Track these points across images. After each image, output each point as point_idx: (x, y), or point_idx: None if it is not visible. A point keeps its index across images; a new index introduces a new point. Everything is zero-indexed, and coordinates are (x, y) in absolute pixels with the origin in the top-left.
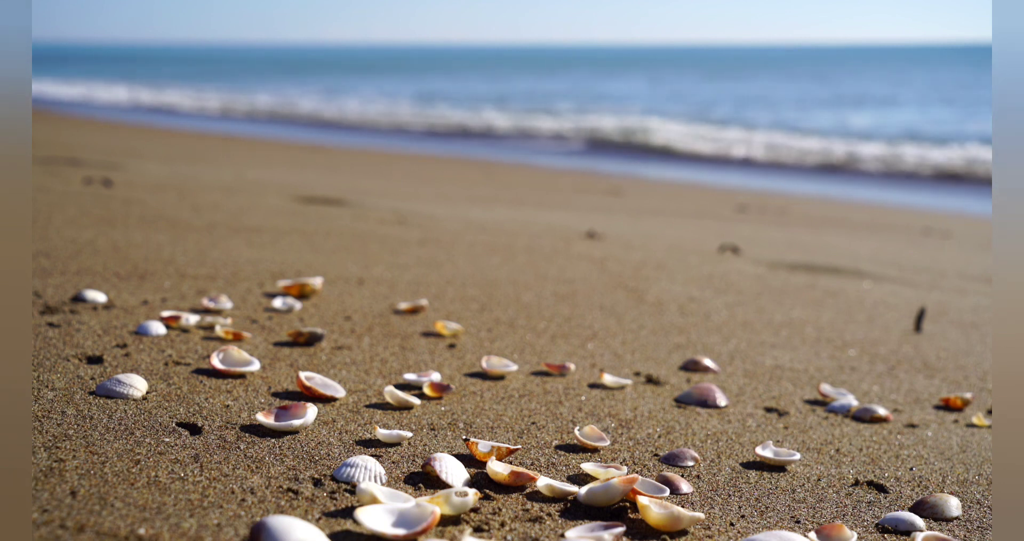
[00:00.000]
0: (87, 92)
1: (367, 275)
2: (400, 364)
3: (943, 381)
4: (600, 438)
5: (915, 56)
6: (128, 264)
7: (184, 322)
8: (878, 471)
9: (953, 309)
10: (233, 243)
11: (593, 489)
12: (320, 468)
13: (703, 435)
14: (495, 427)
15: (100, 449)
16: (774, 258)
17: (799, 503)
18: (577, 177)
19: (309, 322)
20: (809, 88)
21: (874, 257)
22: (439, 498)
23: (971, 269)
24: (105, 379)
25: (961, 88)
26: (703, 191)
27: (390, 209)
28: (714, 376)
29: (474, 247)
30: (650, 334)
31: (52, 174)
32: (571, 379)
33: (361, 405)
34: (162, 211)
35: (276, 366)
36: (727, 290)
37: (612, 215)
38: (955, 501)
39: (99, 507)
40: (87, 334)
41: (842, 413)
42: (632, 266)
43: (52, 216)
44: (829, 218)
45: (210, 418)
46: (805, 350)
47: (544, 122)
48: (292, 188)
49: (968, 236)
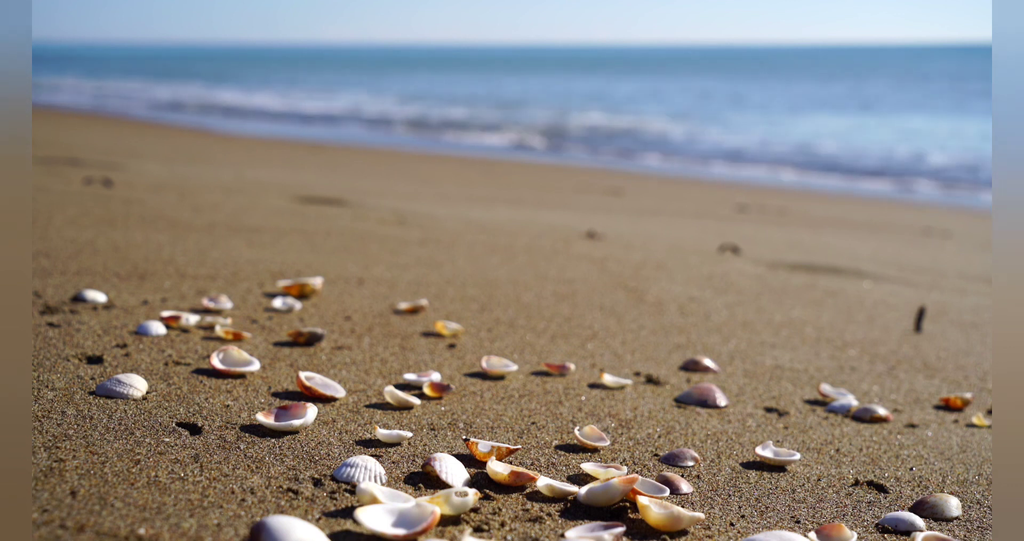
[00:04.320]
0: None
1: (367, 275)
2: (400, 364)
3: (943, 381)
4: (600, 438)
5: (914, 56)
6: (128, 264)
7: (184, 322)
8: (878, 471)
9: (953, 309)
10: (233, 243)
11: (593, 489)
12: (320, 468)
13: (703, 435)
14: (495, 427)
15: (100, 449)
16: (774, 258)
17: (799, 503)
18: (577, 177)
19: (309, 322)
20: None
21: (874, 257)
22: (439, 498)
23: (971, 269)
24: (105, 379)
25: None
26: (703, 191)
27: (390, 209)
28: (714, 376)
29: (474, 247)
30: (650, 334)
31: (52, 174)
32: (571, 379)
33: (361, 405)
34: (162, 211)
35: (276, 366)
36: (727, 290)
37: (612, 215)
38: (955, 501)
39: (99, 507)
40: (87, 334)
41: (842, 413)
42: (632, 266)
43: (52, 216)
44: (829, 218)
45: (210, 418)
46: (805, 350)
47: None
48: (292, 188)
49: (968, 236)
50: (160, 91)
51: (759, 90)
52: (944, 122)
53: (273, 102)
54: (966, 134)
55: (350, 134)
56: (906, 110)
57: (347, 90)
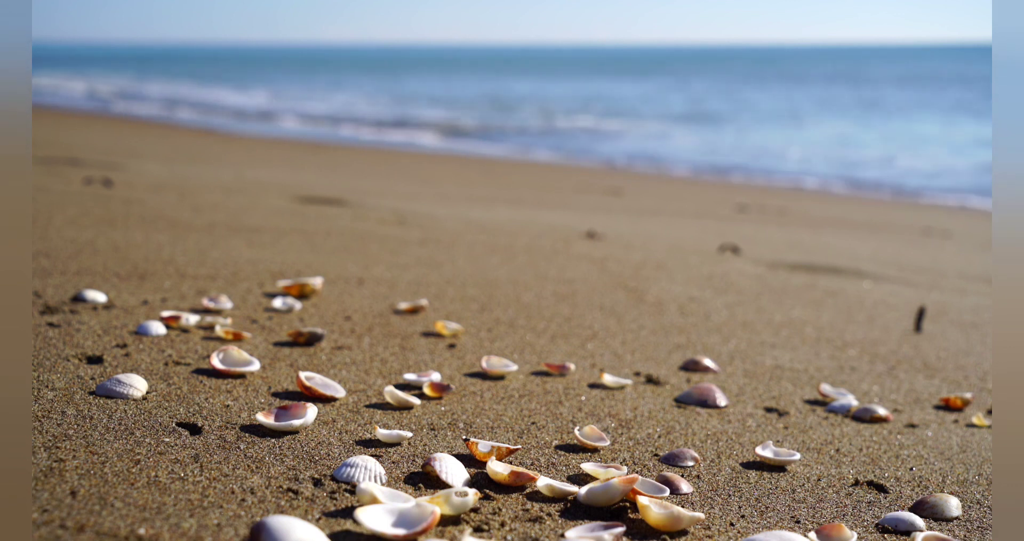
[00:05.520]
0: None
1: (367, 275)
2: (400, 364)
3: (943, 381)
4: (600, 438)
5: (914, 56)
6: (128, 264)
7: (184, 322)
8: (878, 471)
9: (953, 309)
10: (233, 243)
11: (593, 489)
12: (320, 468)
13: (703, 435)
14: (495, 427)
15: (100, 449)
16: (774, 258)
17: (799, 503)
18: (577, 177)
19: (309, 322)
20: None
21: (874, 257)
22: (439, 498)
23: (971, 269)
24: (105, 379)
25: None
26: (703, 191)
27: (390, 209)
28: (714, 376)
29: (474, 247)
30: (650, 334)
31: (52, 174)
32: (571, 379)
33: (361, 405)
34: (162, 211)
35: (276, 366)
36: (727, 290)
37: (612, 215)
38: (955, 501)
39: (99, 507)
40: (87, 334)
41: (842, 413)
42: (632, 266)
43: (52, 216)
44: (829, 218)
45: (210, 418)
46: (805, 350)
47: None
48: (292, 188)
49: (968, 236)
50: (159, 91)
51: (758, 91)
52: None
53: (267, 103)
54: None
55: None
56: (908, 111)
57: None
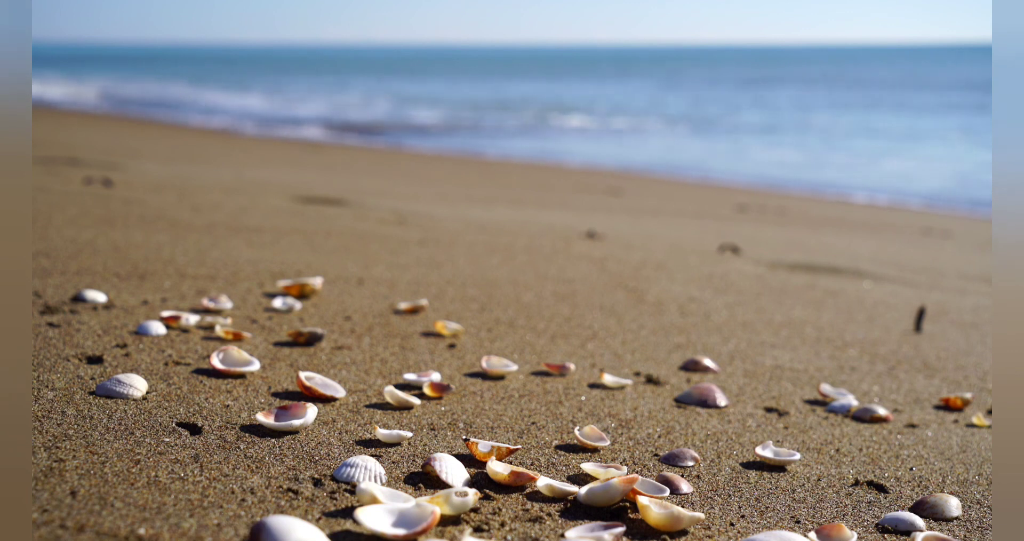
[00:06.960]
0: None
1: (367, 275)
2: (400, 364)
3: (943, 381)
4: (600, 438)
5: (913, 56)
6: (128, 264)
7: (184, 322)
8: (878, 471)
9: (953, 309)
10: (233, 243)
11: (593, 489)
12: (320, 468)
13: (703, 435)
14: (495, 427)
15: (100, 449)
16: (774, 258)
17: (799, 503)
18: (577, 177)
19: (309, 322)
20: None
21: (874, 257)
22: (439, 498)
23: (971, 269)
24: (105, 379)
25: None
26: (703, 191)
27: (390, 209)
28: (714, 376)
29: (474, 247)
30: (650, 334)
31: (52, 174)
32: (571, 379)
33: (361, 405)
34: (162, 211)
35: (276, 366)
36: (727, 290)
37: (612, 215)
38: (955, 501)
39: (99, 507)
40: (87, 334)
41: (842, 413)
42: (632, 266)
43: (52, 216)
44: (829, 218)
45: (210, 418)
46: (805, 350)
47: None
48: (292, 188)
49: (968, 236)
50: (159, 91)
51: (760, 91)
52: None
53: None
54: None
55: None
56: (908, 112)
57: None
